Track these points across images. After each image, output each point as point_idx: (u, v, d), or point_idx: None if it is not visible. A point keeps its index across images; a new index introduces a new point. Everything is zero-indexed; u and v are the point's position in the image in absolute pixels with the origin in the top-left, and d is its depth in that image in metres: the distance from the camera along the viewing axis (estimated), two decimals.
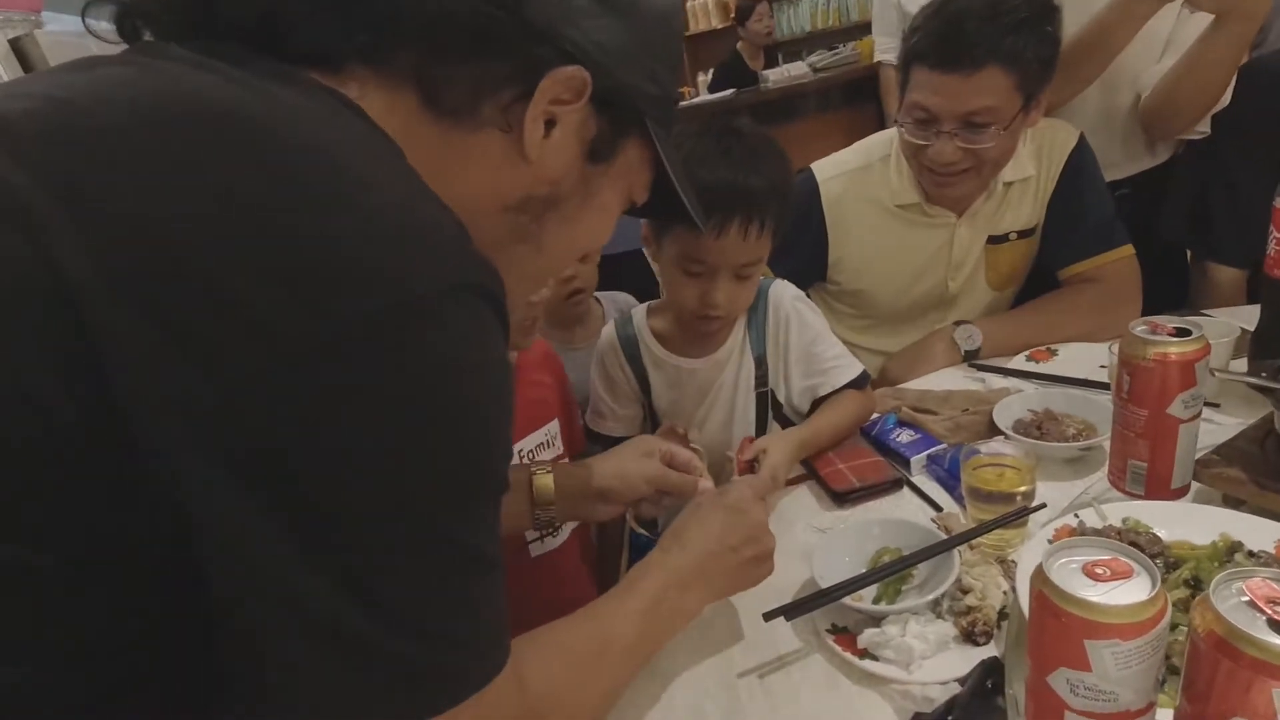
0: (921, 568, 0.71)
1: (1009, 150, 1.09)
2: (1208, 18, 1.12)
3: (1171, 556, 0.62)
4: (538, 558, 0.95)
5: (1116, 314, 1.11)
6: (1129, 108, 1.29)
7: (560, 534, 0.96)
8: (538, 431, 0.94)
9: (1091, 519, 0.68)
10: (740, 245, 0.87)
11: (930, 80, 1.03)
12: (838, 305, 1.33)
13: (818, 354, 1.02)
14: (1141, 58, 1.24)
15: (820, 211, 1.22)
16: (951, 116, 1.03)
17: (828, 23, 4.69)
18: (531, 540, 0.94)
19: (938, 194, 1.15)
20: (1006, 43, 0.99)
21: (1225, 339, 0.92)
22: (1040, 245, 1.22)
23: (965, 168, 1.07)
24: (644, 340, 1.04)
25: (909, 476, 0.89)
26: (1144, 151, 1.35)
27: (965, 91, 1.01)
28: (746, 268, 0.91)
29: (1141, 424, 0.69)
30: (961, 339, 1.14)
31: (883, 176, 1.20)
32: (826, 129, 3.25)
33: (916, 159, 1.11)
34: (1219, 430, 0.81)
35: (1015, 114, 1.04)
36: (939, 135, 1.05)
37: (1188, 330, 0.67)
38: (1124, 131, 1.31)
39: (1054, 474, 0.84)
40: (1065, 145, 1.17)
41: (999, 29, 0.99)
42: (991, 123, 1.02)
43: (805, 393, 1.03)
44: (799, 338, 1.02)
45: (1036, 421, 0.90)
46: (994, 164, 1.09)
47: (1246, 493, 0.68)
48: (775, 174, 0.89)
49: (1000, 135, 1.04)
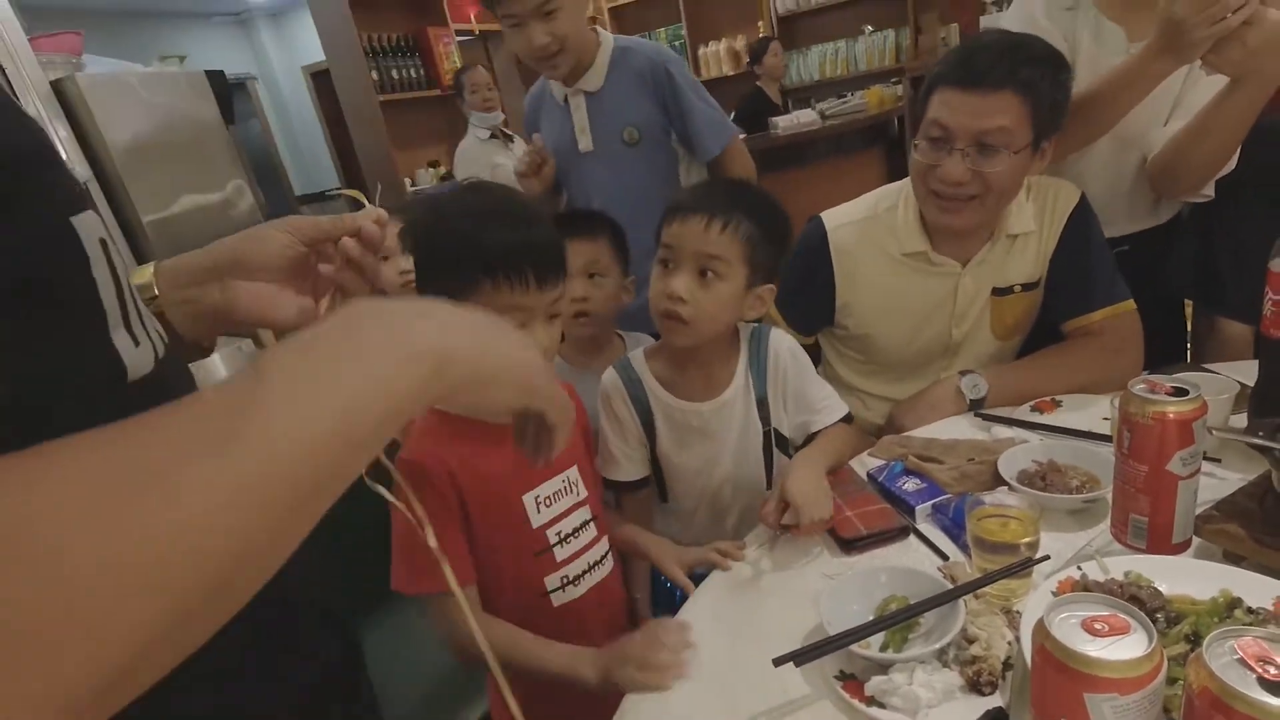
0: (928, 616, 0.72)
1: (1013, 185, 1.12)
2: (1218, 82, 1.14)
3: (1172, 611, 0.63)
4: (560, 608, 0.95)
5: (1118, 367, 1.14)
6: (1136, 167, 1.32)
7: (581, 584, 0.97)
8: (555, 477, 0.94)
9: (1094, 572, 0.70)
10: (701, 235, 0.97)
11: (949, 98, 1.08)
12: (845, 350, 1.36)
13: (811, 394, 1.09)
14: (1150, 119, 1.26)
15: (829, 258, 1.26)
16: (965, 134, 1.07)
17: (835, 72, 4.81)
18: (553, 590, 0.94)
19: (941, 223, 1.17)
20: (1023, 72, 1.05)
21: (1224, 395, 0.94)
22: (1044, 298, 1.25)
23: (971, 194, 1.10)
24: (647, 385, 1.07)
25: (915, 525, 0.91)
26: (1148, 211, 1.38)
27: (981, 110, 1.06)
28: (710, 260, 0.97)
29: (1142, 479, 0.71)
30: (967, 388, 1.17)
31: (890, 226, 1.24)
32: (835, 174, 3.32)
33: (925, 183, 1.14)
34: (1221, 485, 0.83)
35: (1024, 145, 1.08)
36: (951, 153, 1.09)
37: (1185, 390, 0.69)
38: (1130, 190, 1.34)
39: (1058, 525, 0.86)
40: (1068, 203, 1.20)
41: (1017, 60, 1.05)
42: (1002, 146, 1.06)
43: (798, 428, 1.09)
44: (795, 380, 1.08)
45: (1041, 472, 0.92)
46: (997, 195, 1.11)
47: (1246, 549, 0.70)
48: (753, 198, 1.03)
49: (1009, 161, 1.07)
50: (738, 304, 1.01)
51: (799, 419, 1.09)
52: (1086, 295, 1.20)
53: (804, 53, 4.90)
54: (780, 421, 1.09)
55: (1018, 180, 1.12)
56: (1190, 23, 1.01)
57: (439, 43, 4.36)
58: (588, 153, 1.61)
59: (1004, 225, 1.20)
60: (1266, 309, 0.86)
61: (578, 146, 1.61)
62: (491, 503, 0.90)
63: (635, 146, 1.60)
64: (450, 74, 4.41)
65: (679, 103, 1.59)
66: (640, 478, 1.09)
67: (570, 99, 1.60)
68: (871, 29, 4.66)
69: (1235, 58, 1.04)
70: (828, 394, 1.10)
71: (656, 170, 1.64)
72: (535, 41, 1.46)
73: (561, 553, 0.95)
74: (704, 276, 0.98)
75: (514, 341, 0.43)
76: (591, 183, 1.63)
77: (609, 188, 1.60)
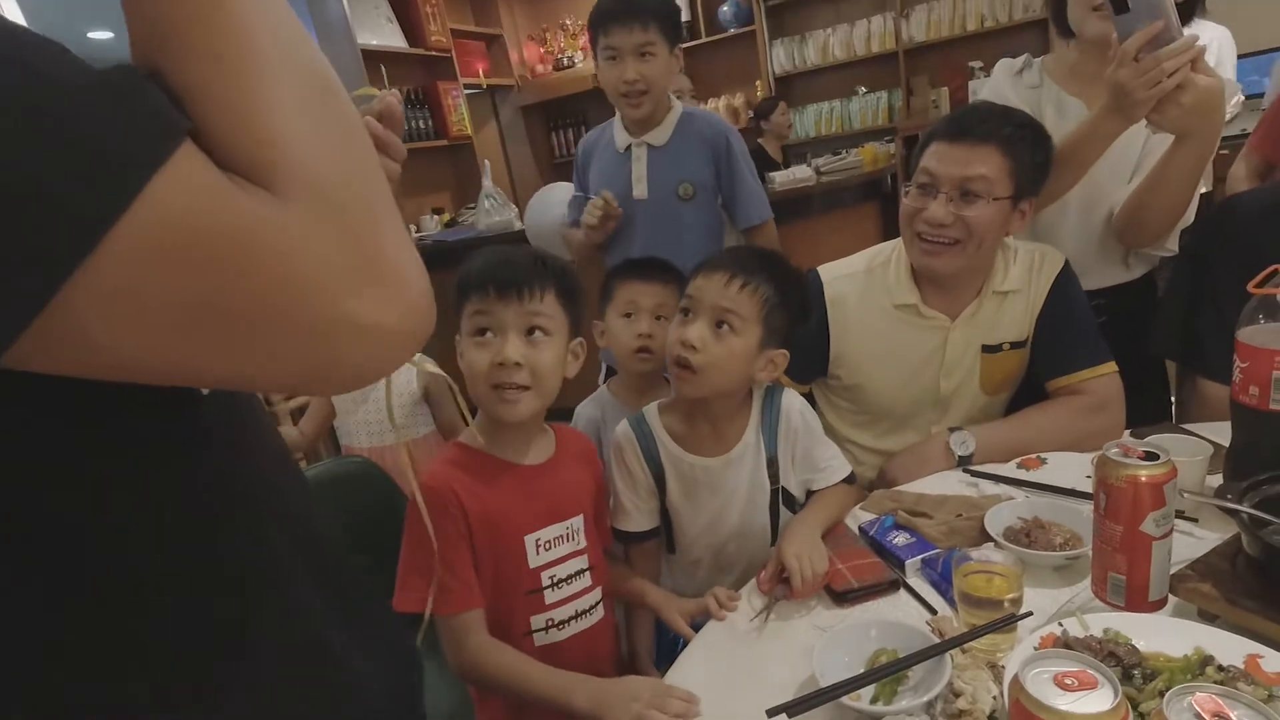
0: (916, 669, 0.75)
1: (991, 232, 1.19)
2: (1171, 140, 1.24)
3: (1148, 668, 0.66)
4: (540, 648, 0.98)
5: (1100, 426, 1.19)
6: (1103, 223, 1.42)
7: (565, 629, 1.00)
8: (559, 524, 0.98)
9: (1075, 628, 0.73)
10: (721, 290, 1.02)
11: (939, 150, 1.20)
12: (837, 400, 1.41)
13: (817, 454, 1.13)
14: (1115, 178, 1.37)
15: (824, 309, 1.32)
16: (950, 180, 1.17)
17: (831, 129, 4.97)
18: (536, 630, 0.98)
19: (923, 264, 1.24)
20: (1006, 131, 1.17)
21: (1200, 457, 0.98)
22: (1030, 357, 1.31)
23: (954, 237, 1.18)
24: (659, 439, 1.11)
25: (905, 578, 0.94)
26: (1119, 265, 1.46)
27: (966, 160, 1.17)
28: (726, 314, 1.02)
29: (1118, 539, 0.74)
30: (956, 445, 1.21)
31: (883, 280, 1.31)
32: (830, 228, 3.40)
33: (912, 226, 1.23)
34: (1197, 544, 0.86)
35: (1004, 196, 1.17)
36: (936, 197, 1.18)
37: (1156, 454, 0.73)
38: (1099, 246, 1.43)
39: (1042, 580, 0.89)
40: (1054, 266, 1.27)
41: (1002, 122, 1.18)
42: (983, 194, 1.16)
43: (801, 485, 1.14)
44: (804, 439, 1.12)
45: (1026, 529, 0.95)
46: (977, 241, 1.18)
47: (1219, 608, 0.73)
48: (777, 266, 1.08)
49: (988, 208, 1.16)
50: (748, 362, 1.05)
51: (803, 476, 1.13)
52: (1070, 356, 1.26)
53: (800, 111, 5.06)
54: (789, 480, 1.13)
55: (996, 229, 1.19)
56: (1131, 86, 1.13)
57: (447, 96, 4.51)
58: (641, 200, 1.77)
59: (991, 283, 1.26)
60: (1236, 376, 0.91)
61: (632, 193, 1.77)
62: (494, 536, 0.94)
63: (688, 201, 1.76)
64: (458, 125, 4.55)
65: (731, 169, 1.78)
66: (649, 529, 1.12)
67: (634, 149, 1.77)
68: (865, 89, 4.83)
69: (1174, 116, 1.15)
70: (833, 454, 1.14)
71: (703, 227, 1.80)
72: (627, 76, 1.65)
73: (552, 596, 0.98)
74: (719, 328, 1.03)
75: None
76: (640, 229, 1.78)
77: (657, 236, 1.74)
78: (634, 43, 1.63)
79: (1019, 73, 1.47)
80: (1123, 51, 1.13)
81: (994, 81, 1.50)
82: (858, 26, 4.73)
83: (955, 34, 4.44)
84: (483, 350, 0.93)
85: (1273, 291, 0.87)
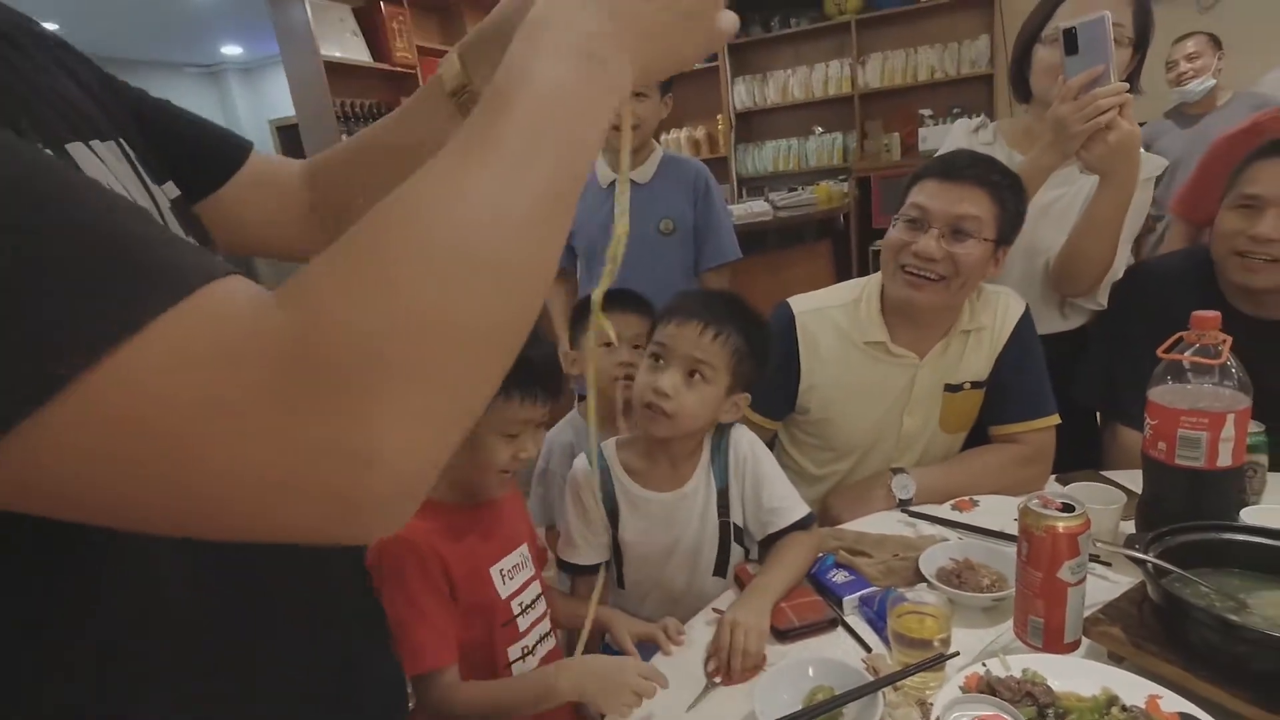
0: (851, 706, 0.79)
1: (976, 272, 1.25)
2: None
3: (1060, 707, 0.71)
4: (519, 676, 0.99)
5: (1029, 475, 1.27)
6: (1044, 272, 1.52)
7: (536, 654, 1.02)
8: (514, 552, 1.01)
9: (997, 668, 0.77)
10: (695, 340, 1.05)
11: (929, 187, 1.26)
12: (802, 436, 1.43)
13: (770, 491, 1.14)
14: (1057, 232, 1.48)
15: (795, 341, 1.35)
16: (942, 217, 1.23)
17: (788, 166, 5.12)
18: (514, 660, 0.99)
19: (904, 297, 1.27)
20: (994, 177, 1.25)
21: (1114, 505, 1.05)
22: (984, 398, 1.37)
23: (940, 274, 1.23)
24: (616, 475, 1.13)
25: (843, 616, 0.98)
26: (1056, 314, 1.56)
27: (958, 198, 1.23)
28: (699, 364, 1.06)
29: (1037, 584, 0.80)
30: (898, 488, 1.26)
31: (853, 316, 1.35)
32: (784, 263, 3.50)
33: (897, 259, 1.27)
34: (1112, 588, 0.92)
35: (990, 239, 1.23)
36: (927, 231, 1.24)
37: (1072, 506, 0.79)
38: (1040, 295, 1.53)
39: (970, 620, 0.94)
40: (1016, 311, 1.35)
41: (989, 168, 1.26)
42: (974, 234, 1.22)
43: (758, 525, 1.14)
44: (754, 472, 1.14)
45: (957, 570, 1.01)
46: (962, 280, 1.24)
47: (1126, 651, 0.79)
48: (745, 315, 1.11)
49: (978, 247, 1.22)
50: (717, 407, 1.09)
51: (759, 515, 1.13)
52: (1019, 405, 1.33)
53: (759, 146, 5.22)
54: (738, 514, 1.15)
55: (980, 270, 1.26)
56: (1070, 119, 1.26)
57: None
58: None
59: (959, 323, 1.32)
60: (1147, 431, 0.98)
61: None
62: (469, 573, 0.95)
63: (669, 237, 1.88)
64: None
65: (708, 209, 1.90)
66: (597, 563, 1.14)
67: (618, 184, 1.82)
68: (822, 130, 5.01)
69: (1100, 153, 1.28)
70: (787, 493, 1.14)
71: (679, 262, 1.92)
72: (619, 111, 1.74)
73: (523, 623, 1.01)
74: (691, 377, 1.06)
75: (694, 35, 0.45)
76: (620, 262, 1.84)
77: (635, 269, 1.80)
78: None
79: (975, 130, 1.59)
80: (1067, 88, 1.26)
81: (953, 136, 1.60)
82: (816, 69, 4.92)
83: (907, 83, 4.66)
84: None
85: (1178, 358, 0.95)
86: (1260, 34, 2.53)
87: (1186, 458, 0.93)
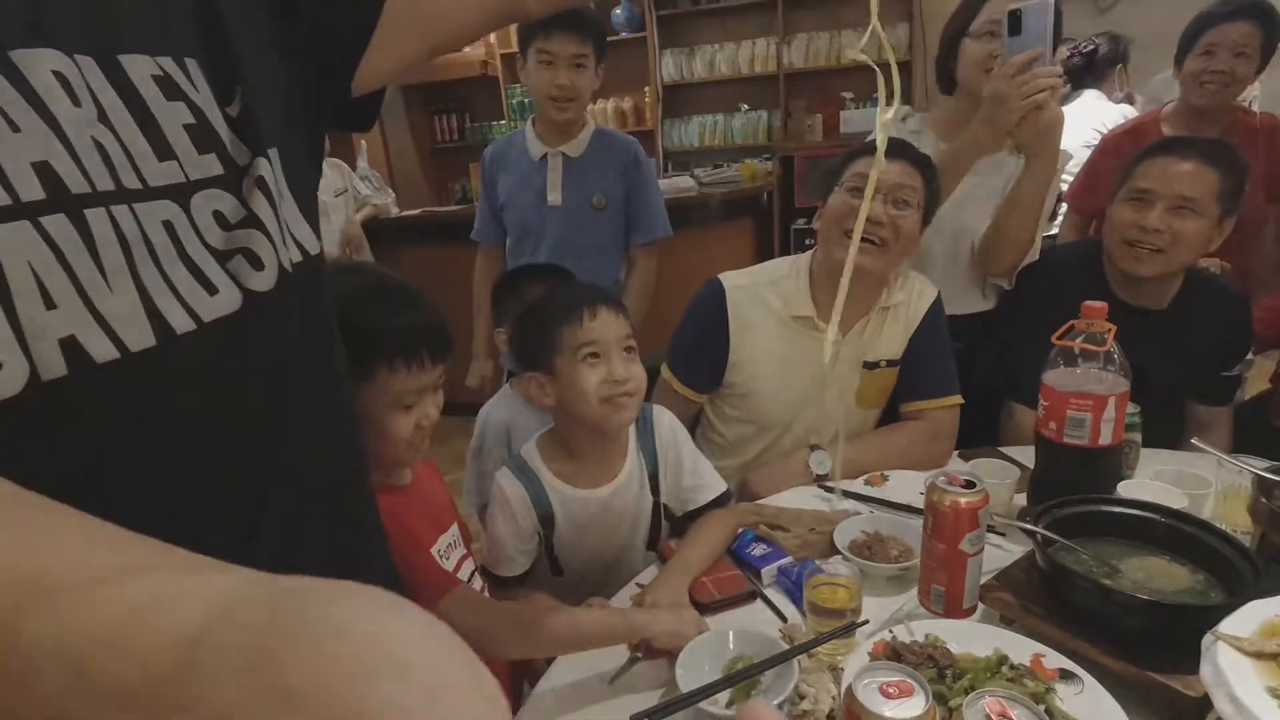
0: (769, 674, 0.82)
1: (912, 238, 1.32)
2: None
3: (958, 668, 0.77)
4: None
5: (935, 451, 1.35)
6: (968, 254, 1.62)
7: None
8: (446, 533, 0.99)
9: (902, 634, 0.83)
10: (614, 322, 1.06)
11: (864, 163, 1.32)
12: (727, 409, 1.47)
13: (687, 466, 1.17)
14: (982, 214, 1.57)
15: (725, 315, 1.39)
16: (886, 186, 1.29)
17: (714, 142, 5.15)
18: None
19: (862, 265, 1.27)
20: (921, 155, 1.33)
21: (1009, 480, 1.13)
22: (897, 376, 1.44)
23: (883, 237, 1.29)
24: (546, 482, 1.11)
25: (762, 588, 1.02)
26: (978, 294, 1.66)
27: (899, 172, 1.30)
28: (627, 340, 1.07)
29: (940, 555, 0.86)
30: (815, 464, 1.32)
31: (782, 292, 1.39)
32: (708, 240, 3.54)
33: (841, 226, 1.31)
34: (1005, 556, 1.00)
35: (921, 208, 1.31)
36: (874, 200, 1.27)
37: (973, 483, 0.85)
38: (965, 274, 1.63)
39: (880, 590, 1.00)
40: (929, 296, 1.42)
41: (914, 150, 1.35)
42: (911, 203, 1.30)
43: (677, 503, 1.17)
44: (673, 448, 1.17)
45: (867, 543, 1.07)
46: (902, 244, 1.31)
47: (1015, 614, 0.86)
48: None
49: (914, 215, 1.30)
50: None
51: (680, 493, 1.16)
52: (926, 384, 1.41)
53: (686, 121, 5.22)
54: (665, 493, 1.17)
55: (915, 237, 1.33)
56: (1008, 95, 1.34)
57: None
58: (554, 207, 1.88)
59: (879, 301, 1.38)
60: (1040, 411, 1.06)
61: (545, 200, 1.88)
62: (414, 556, 0.92)
63: (600, 212, 1.89)
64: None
65: (640, 185, 1.93)
66: (525, 570, 1.12)
67: (550, 158, 1.87)
68: (747, 107, 5.06)
69: (1028, 131, 1.38)
70: (705, 470, 1.17)
71: (609, 237, 1.93)
72: (560, 81, 1.76)
73: None
74: (629, 356, 1.07)
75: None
76: (549, 236, 1.89)
77: (565, 243, 1.86)
78: (571, 52, 1.75)
79: (903, 119, 1.66)
80: (1008, 65, 1.35)
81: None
82: (743, 46, 4.93)
83: (830, 65, 4.74)
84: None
85: (1070, 344, 1.02)
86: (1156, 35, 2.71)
87: (1074, 436, 1.01)
